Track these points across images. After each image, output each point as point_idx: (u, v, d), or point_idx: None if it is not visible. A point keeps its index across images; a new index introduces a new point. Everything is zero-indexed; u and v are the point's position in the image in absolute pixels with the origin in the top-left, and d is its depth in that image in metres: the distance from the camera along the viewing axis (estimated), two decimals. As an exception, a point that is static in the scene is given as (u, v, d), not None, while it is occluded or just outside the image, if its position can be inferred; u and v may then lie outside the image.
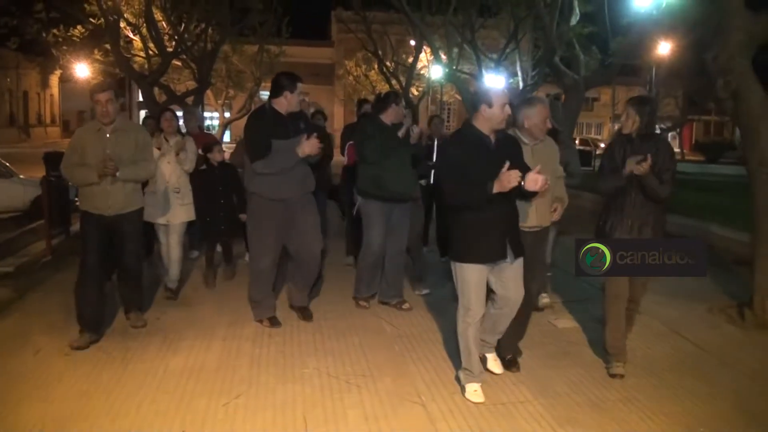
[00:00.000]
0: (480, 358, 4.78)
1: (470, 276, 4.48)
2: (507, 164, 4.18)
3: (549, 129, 5.24)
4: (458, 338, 4.64)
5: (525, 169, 4.28)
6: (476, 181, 4.28)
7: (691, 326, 6.23)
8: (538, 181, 4.22)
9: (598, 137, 53.47)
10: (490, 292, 4.67)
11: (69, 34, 22.01)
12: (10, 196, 13.55)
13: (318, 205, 6.36)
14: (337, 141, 8.83)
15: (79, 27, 21.47)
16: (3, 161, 14.26)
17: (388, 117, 6.45)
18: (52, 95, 53.70)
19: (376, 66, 31.15)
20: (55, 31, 21.17)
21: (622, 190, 4.98)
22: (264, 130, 5.77)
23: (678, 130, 45.31)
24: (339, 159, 7.96)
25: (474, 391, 4.59)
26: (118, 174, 5.46)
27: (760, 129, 6.55)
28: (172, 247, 7.04)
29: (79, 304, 5.57)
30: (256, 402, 4.46)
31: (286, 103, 5.81)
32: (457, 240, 4.53)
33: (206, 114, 32.08)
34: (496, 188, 4.20)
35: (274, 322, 6.08)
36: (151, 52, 21.60)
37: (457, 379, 4.76)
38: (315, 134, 5.81)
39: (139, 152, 5.67)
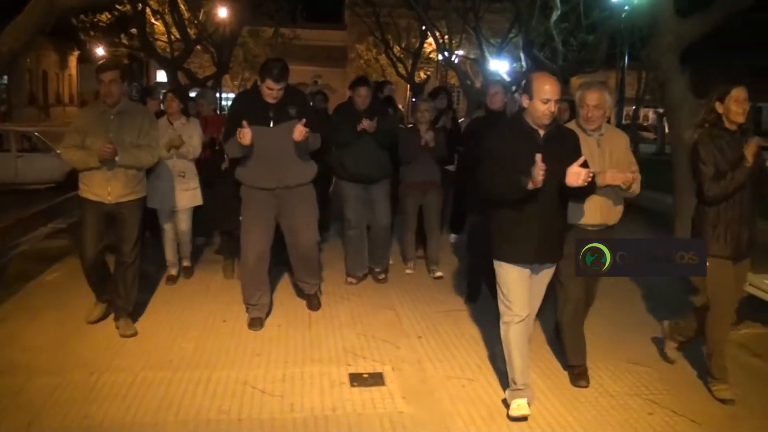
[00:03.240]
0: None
1: (507, 275, 4.20)
2: (539, 156, 3.83)
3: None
4: (503, 346, 4.34)
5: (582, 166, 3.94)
6: (513, 174, 3.95)
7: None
8: (580, 175, 3.87)
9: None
10: None
11: (96, 19, 23.46)
12: (49, 169, 15.08)
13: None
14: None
15: (105, 13, 22.95)
16: (43, 138, 15.86)
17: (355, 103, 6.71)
18: (70, 75, 54.70)
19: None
20: (82, 16, 22.67)
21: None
22: (239, 111, 5.62)
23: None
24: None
25: (517, 406, 4.18)
26: (117, 158, 5.19)
27: (679, 113, 8.15)
28: (180, 232, 6.98)
29: (90, 285, 5.63)
30: (275, 307, 6.12)
31: (265, 90, 5.48)
32: (494, 235, 4.27)
33: (223, 95, 33.58)
34: (530, 184, 3.87)
35: (252, 323, 5.72)
36: (173, 37, 23.08)
37: (504, 401, 4.42)
38: (303, 120, 5.37)
39: (143, 137, 5.37)
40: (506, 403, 4.33)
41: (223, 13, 22.87)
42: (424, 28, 26.89)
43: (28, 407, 4.20)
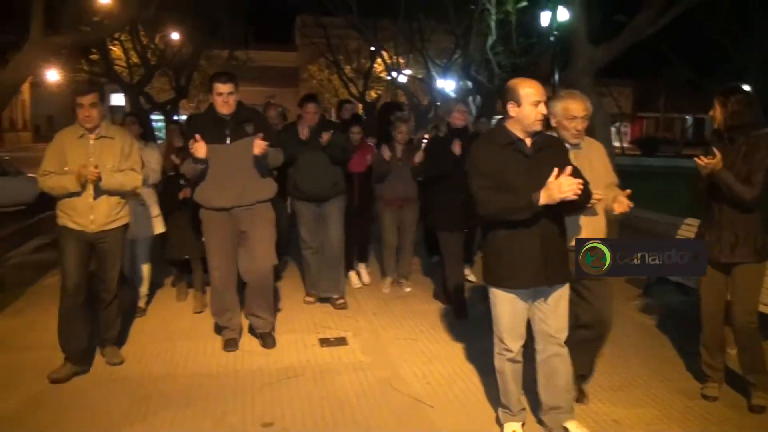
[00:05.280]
0: None
1: (502, 304, 3.94)
2: (555, 171, 3.58)
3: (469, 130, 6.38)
4: (497, 375, 4.14)
5: (575, 177, 3.64)
6: (517, 190, 3.69)
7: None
8: (572, 186, 3.55)
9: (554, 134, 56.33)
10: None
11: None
12: (20, 192, 15.72)
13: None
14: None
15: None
16: (12, 162, 16.54)
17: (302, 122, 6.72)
18: (23, 100, 54.21)
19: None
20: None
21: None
22: (194, 130, 5.43)
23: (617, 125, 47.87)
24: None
25: (513, 431, 4.15)
26: (101, 183, 4.94)
27: (592, 125, 9.45)
28: (140, 263, 6.63)
29: (62, 333, 5.11)
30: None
31: (216, 100, 5.41)
32: (488, 260, 4.01)
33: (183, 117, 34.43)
34: (543, 199, 3.59)
35: (227, 344, 5.67)
36: (131, 62, 23.96)
37: (497, 420, 4.31)
38: (261, 134, 5.30)
39: (125, 161, 5.11)
40: (499, 422, 4.25)
41: (177, 37, 23.89)
42: (373, 49, 28.09)
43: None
